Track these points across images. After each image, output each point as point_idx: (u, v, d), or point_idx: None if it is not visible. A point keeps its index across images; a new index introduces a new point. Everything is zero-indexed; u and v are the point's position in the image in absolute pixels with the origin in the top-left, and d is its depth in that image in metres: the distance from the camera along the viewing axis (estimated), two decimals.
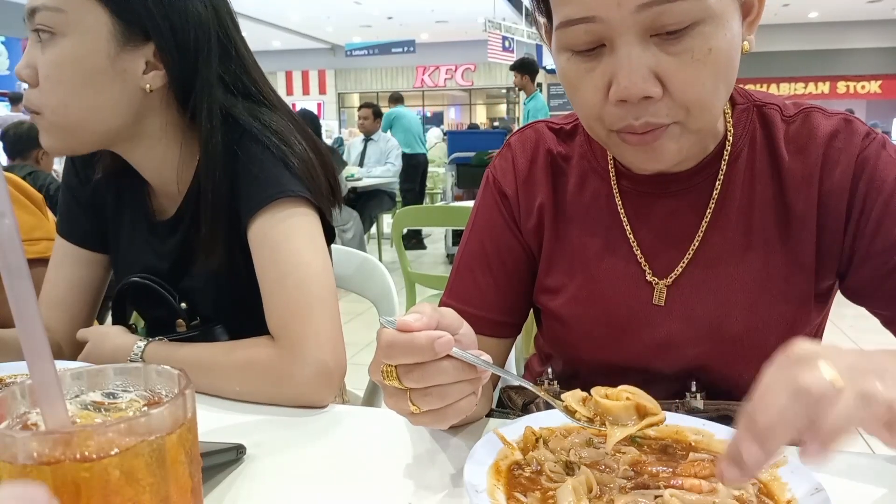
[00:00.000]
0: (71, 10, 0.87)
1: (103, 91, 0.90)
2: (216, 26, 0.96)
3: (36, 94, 0.90)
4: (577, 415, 0.60)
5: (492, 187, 0.91)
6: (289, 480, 0.67)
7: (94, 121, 0.92)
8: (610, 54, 0.67)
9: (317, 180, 0.97)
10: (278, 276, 0.89)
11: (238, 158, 0.95)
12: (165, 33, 0.91)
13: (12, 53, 13.32)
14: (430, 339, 0.53)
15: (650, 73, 0.66)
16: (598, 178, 0.86)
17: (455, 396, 0.56)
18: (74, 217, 1.10)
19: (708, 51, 0.66)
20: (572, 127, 0.91)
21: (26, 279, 0.37)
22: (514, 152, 0.91)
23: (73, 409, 0.42)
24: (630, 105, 0.68)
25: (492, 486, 0.56)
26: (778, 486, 0.57)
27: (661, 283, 0.82)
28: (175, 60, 0.92)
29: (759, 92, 0.85)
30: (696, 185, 0.81)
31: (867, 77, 17.59)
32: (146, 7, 0.89)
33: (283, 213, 0.92)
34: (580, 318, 0.86)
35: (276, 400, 0.85)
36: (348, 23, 17.00)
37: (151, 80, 0.92)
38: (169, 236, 1.03)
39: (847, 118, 0.79)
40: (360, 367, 1.25)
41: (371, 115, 6.64)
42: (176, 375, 0.44)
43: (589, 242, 0.86)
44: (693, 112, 0.69)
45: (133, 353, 0.92)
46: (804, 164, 0.78)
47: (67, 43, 0.87)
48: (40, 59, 0.88)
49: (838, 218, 0.77)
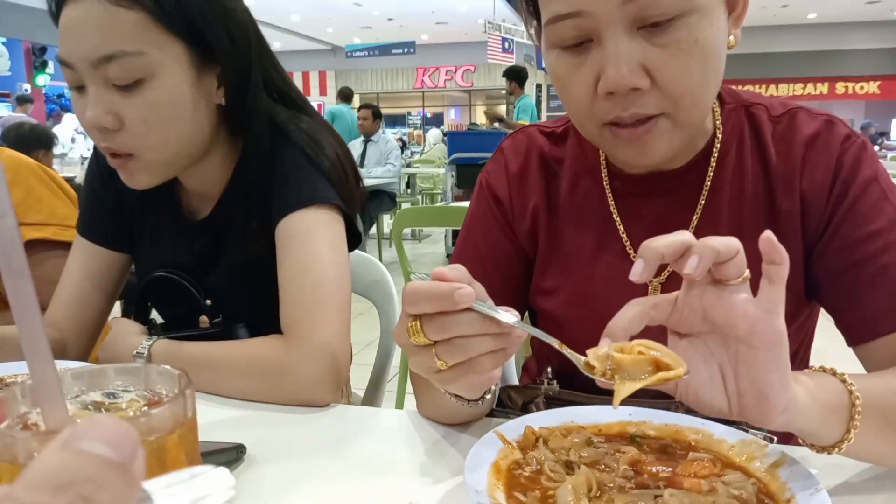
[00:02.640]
0: (151, 50, 0.86)
1: (194, 118, 0.92)
2: (255, 29, 0.98)
3: (127, 138, 0.89)
4: (595, 371, 0.58)
5: (485, 191, 0.92)
6: (289, 480, 0.67)
7: (188, 148, 0.94)
8: (597, 48, 0.68)
9: (347, 186, 1.00)
10: (297, 272, 0.91)
11: (277, 160, 0.98)
12: (227, 47, 0.92)
13: (13, 53, 13.33)
14: (452, 288, 0.53)
15: (638, 65, 0.67)
16: (590, 178, 0.87)
17: (478, 349, 0.55)
18: (97, 218, 1.11)
19: (694, 42, 0.67)
20: (563, 130, 0.92)
21: (26, 279, 0.37)
22: (506, 157, 0.92)
23: (73, 409, 0.43)
24: (618, 97, 0.68)
25: (492, 485, 0.56)
26: (777, 486, 0.57)
27: (654, 282, 0.82)
28: (235, 71, 0.94)
29: (746, 92, 0.86)
30: (686, 184, 0.82)
31: (866, 78, 17.60)
32: (211, 27, 0.90)
33: (311, 216, 0.94)
34: (575, 319, 0.86)
35: (279, 396, 0.85)
36: (349, 24, 17.01)
37: (221, 95, 0.95)
38: (199, 236, 1.05)
39: (830, 119, 0.80)
40: (360, 368, 1.25)
41: (371, 115, 6.65)
42: (177, 375, 0.44)
43: (583, 243, 0.86)
44: (681, 104, 0.69)
45: (140, 348, 0.92)
46: (788, 163, 0.80)
47: (156, 83, 0.87)
48: (125, 104, 0.87)
49: (819, 217, 0.79)
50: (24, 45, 13.50)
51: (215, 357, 0.89)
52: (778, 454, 0.60)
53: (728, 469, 0.60)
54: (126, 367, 0.45)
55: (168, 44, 0.87)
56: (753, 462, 0.61)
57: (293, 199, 0.95)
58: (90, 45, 0.85)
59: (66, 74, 0.89)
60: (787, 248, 0.80)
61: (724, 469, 0.60)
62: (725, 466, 0.61)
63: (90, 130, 0.90)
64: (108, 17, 0.84)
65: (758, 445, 0.62)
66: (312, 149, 0.98)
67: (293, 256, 0.92)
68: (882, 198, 0.75)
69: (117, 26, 0.84)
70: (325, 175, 0.97)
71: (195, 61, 0.90)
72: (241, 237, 0.99)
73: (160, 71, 0.87)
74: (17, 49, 13.44)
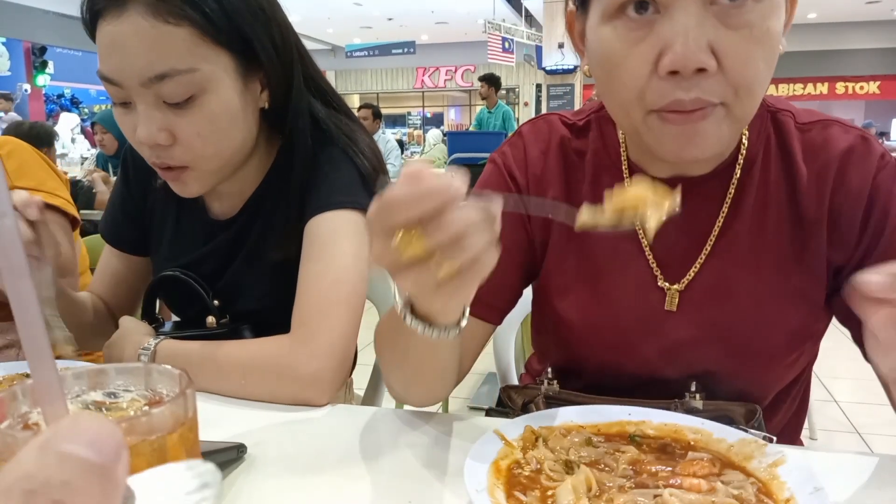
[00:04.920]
0: (202, 65, 0.85)
1: (245, 126, 0.94)
2: (293, 31, 0.98)
3: (181, 153, 0.89)
4: (600, 224, 0.57)
5: (501, 169, 0.89)
6: (289, 480, 0.67)
7: (238, 154, 0.96)
8: (664, 21, 0.65)
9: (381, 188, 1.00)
10: (318, 271, 0.92)
11: (317, 159, 0.99)
12: (270, 52, 0.92)
13: (13, 54, 13.33)
14: (449, 178, 0.49)
15: (707, 44, 0.63)
16: (611, 177, 0.85)
17: (478, 244, 0.51)
18: (118, 223, 1.15)
19: (766, 29, 0.65)
20: (585, 123, 0.89)
21: (27, 279, 0.37)
22: (525, 141, 0.89)
23: (74, 408, 0.43)
24: (681, 78, 0.65)
25: (492, 485, 0.56)
26: (777, 486, 0.57)
27: (673, 289, 0.81)
28: (278, 74, 0.94)
29: (770, 97, 0.84)
30: (711, 189, 0.80)
31: (866, 78, 17.59)
32: (257, 36, 0.90)
33: (342, 219, 0.94)
34: (589, 322, 0.85)
35: (279, 394, 0.85)
36: (348, 24, 17.01)
37: (265, 98, 0.96)
38: (222, 235, 1.05)
39: (865, 136, 0.79)
40: (360, 368, 1.25)
41: (371, 115, 6.66)
42: (177, 375, 0.44)
43: (600, 245, 0.84)
44: (741, 95, 0.67)
45: (146, 346, 0.92)
46: (818, 173, 0.78)
47: (209, 97, 0.87)
48: (178, 121, 0.86)
49: (849, 232, 0.77)
50: (24, 45, 13.50)
51: (218, 355, 0.89)
52: (777, 454, 0.60)
53: (727, 468, 0.60)
54: (127, 366, 0.45)
55: (216, 56, 0.87)
56: (752, 461, 0.61)
57: (327, 198, 0.95)
58: (140, 64, 0.83)
59: (111, 90, 0.88)
60: (809, 258, 0.80)
61: (724, 468, 0.60)
62: (725, 466, 0.61)
63: (141, 148, 0.90)
64: (157, 34, 0.82)
65: (757, 445, 0.62)
66: (352, 148, 0.99)
67: (317, 255, 0.93)
68: None
69: (167, 44, 0.83)
70: (362, 175, 0.98)
71: (241, 69, 0.90)
72: (275, 237, 0.99)
73: (212, 85, 0.87)
74: (17, 49, 13.44)
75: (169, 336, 0.94)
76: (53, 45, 13.68)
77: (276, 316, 0.94)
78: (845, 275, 0.78)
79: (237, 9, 0.87)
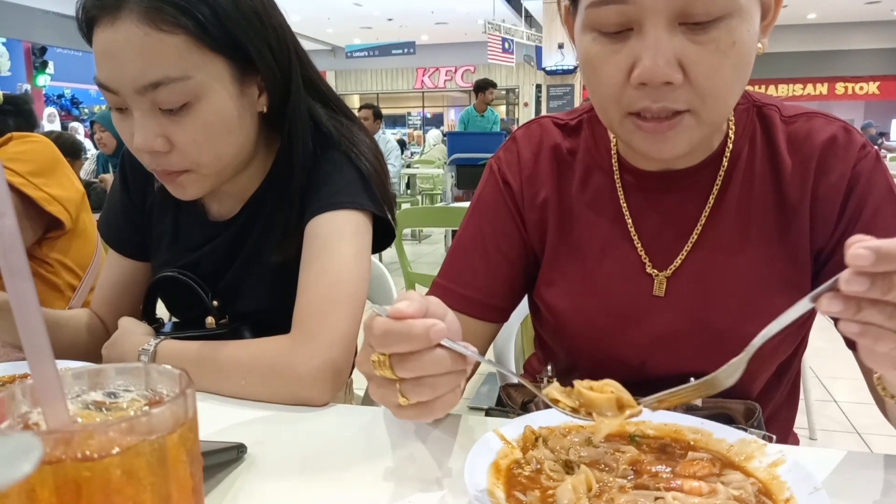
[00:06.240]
0: (196, 72, 0.85)
1: (242, 129, 0.94)
2: (291, 32, 0.98)
3: (179, 158, 0.89)
4: (560, 404, 0.60)
5: (496, 175, 0.93)
6: (289, 479, 0.67)
7: (237, 157, 0.96)
8: (637, 37, 0.69)
9: (382, 189, 1.01)
10: (318, 271, 0.92)
11: (317, 161, 0.99)
12: (267, 56, 0.92)
13: (13, 53, 13.33)
14: (427, 327, 0.53)
15: (674, 59, 0.67)
16: (601, 173, 0.88)
17: (445, 387, 0.56)
18: (117, 227, 1.15)
19: (732, 43, 0.68)
20: (577, 122, 0.92)
21: (27, 279, 0.37)
22: (519, 146, 0.93)
23: (74, 408, 0.43)
24: (650, 89, 0.69)
25: (492, 484, 0.56)
26: (776, 486, 0.57)
27: (661, 275, 0.84)
28: (276, 78, 0.94)
29: (757, 93, 0.88)
30: (698, 181, 0.84)
31: (865, 78, 17.60)
32: (251, 41, 0.90)
33: (343, 219, 0.95)
34: (580, 309, 0.87)
35: (278, 393, 0.85)
36: (349, 24, 17.02)
37: (263, 102, 0.96)
38: (221, 237, 1.05)
39: (847, 127, 0.82)
40: None
41: (371, 115, 6.68)
42: (177, 375, 0.44)
43: (592, 236, 0.87)
44: (709, 102, 0.70)
45: (146, 346, 0.92)
46: (801, 162, 0.81)
47: (204, 104, 0.87)
48: (174, 127, 0.87)
49: (829, 218, 0.80)
50: (24, 45, 13.50)
51: (218, 355, 0.89)
52: (777, 454, 0.60)
53: (727, 468, 0.60)
54: (126, 366, 0.45)
55: (211, 63, 0.87)
56: (752, 461, 0.61)
57: (328, 198, 0.95)
58: (134, 72, 0.84)
59: (108, 97, 0.88)
60: (793, 245, 0.82)
61: (724, 468, 0.60)
62: (725, 466, 0.61)
63: (139, 154, 0.90)
64: (151, 42, 0.83)
65: (757, 445, 0.62)
66: (353, 151, 1.00)
67: (317, 255, 0.93)
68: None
69: (161, 52, 0.83)
70: (363, 177, 0.98)
71: (237, 74, 0.90)
72: (275, 237, 0.99)
73: (206, 92, 0.87)
74: (17, 49, 13.44)
75: (169, 336, 0.94)
76: (53, 46, 13.69)
77: (276, 316, 0.94)
78: (822, 259, 0.82)
79: (231, 15, 0.87)
